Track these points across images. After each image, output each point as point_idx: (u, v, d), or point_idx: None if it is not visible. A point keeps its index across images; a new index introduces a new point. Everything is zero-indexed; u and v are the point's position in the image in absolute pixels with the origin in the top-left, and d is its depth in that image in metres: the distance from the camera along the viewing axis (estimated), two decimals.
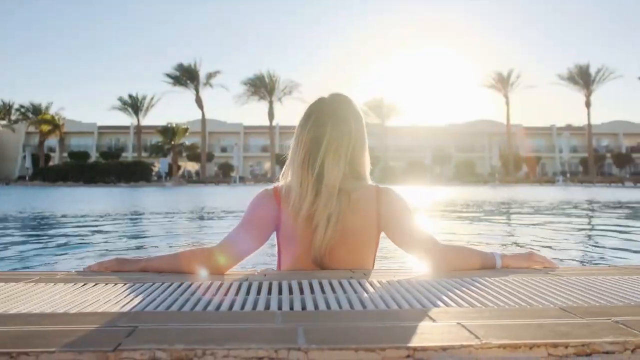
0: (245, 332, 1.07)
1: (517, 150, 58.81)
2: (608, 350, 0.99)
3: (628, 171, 58.07)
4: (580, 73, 53.06)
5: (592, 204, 13.12)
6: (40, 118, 52.94)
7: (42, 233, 6.75)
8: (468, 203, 13.86)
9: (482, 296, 1.41)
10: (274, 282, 1.60)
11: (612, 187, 31.28)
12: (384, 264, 3.61)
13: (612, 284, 1.59)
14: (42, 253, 4.67)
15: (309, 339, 1.01)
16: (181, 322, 1.15)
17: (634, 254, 4.48)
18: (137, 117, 56.15)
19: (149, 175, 42.96)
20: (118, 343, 0.98)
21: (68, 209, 11.57)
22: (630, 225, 7.74)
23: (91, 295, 1.44)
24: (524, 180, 47.38)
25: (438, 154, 56.26)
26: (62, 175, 41.21)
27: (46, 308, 1.30)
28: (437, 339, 1.01)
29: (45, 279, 1.70)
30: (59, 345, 0.97)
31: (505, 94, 55.29)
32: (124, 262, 1.90)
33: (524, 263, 1.93)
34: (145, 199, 17.79)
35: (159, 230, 7.09)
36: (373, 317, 1.20)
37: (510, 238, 6.05)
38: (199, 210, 11.48)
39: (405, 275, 1.75)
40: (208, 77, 54.20)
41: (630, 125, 63.68)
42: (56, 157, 57.81)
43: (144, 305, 1.32)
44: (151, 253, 4.55)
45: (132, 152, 60.68)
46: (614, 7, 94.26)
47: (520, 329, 1.09)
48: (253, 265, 3.17)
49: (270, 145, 55.01)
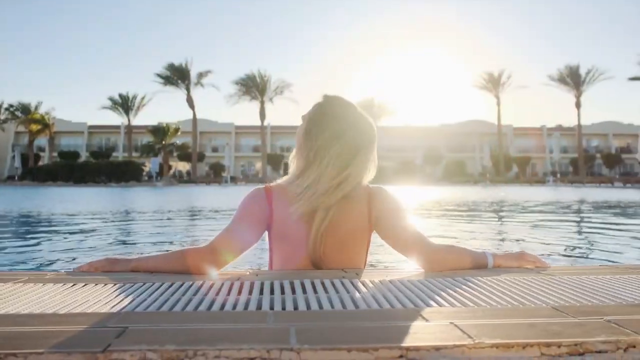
0: (237, 332, 1.06)
1: (508, 151, 59.11)
2: (601, 349, 0.99)
3: (617, 171, 58.47)
4: (570, 74, 53.39)
5: (583, 204, 13.19)
6: (29, 117, 52.59)
7: (30, 233, 6.70)
8: (461, 203, 13.90)
9: (475, 296, 1.41)
10: (265, 282, 1.59)
11: (601, 188, 31.49)
12: (375, 258, 3.61)
13: (603, 283, 1.59)
14: (30, 253, 4.63)
15: (301, 339, 1.01)
16: (172, 323, 1.14)
17: (624, 253, 4.50)
18: (128, 116, 55.93)
19: (139, 175, 42.76)
20: (108, 344, 0.97)
21: (57, 209, 11.49)
22: (620, 224, 7.78)
23: (81, 296, 1.43)
24: (514, 181, 47.58)
25: (429, 154, 56.42)
26: (51, 175, 40.94)
27: (35, 308, 1.28)
28: (430, 339, 1.01)
29: (34, 279, 1.68)
30: (48, 346, 0.96)
31: (497, 94, 55.52)
32: (114, 262, 1.89)
33: (515, 262, 1.94)
34: (136, 199, 17.71)
35: (150, 229, 7.06)
36: (365, 316, 1.20)
37: (502, 237, 6.07)
38: (190, 209, 11.44)
39: (397, 274, 1.75)
40: (199, 76, 54.05)
41: (620, 126, 64.16)
42: (46, 156, 57.49)
43: (135, 305, 1.31)
44: (142, 253, 4.53)
45: (122, 152, 60.42)
46: (605, 8, 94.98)
47: (513, 328, 1.08)
48: (245, 265, 3.16)
49: (261, 145, 54.94)
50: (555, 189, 29.93)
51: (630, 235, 6.15)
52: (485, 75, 56.15)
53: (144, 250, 4.90)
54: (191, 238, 6.12)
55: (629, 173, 56.06)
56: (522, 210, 11.03)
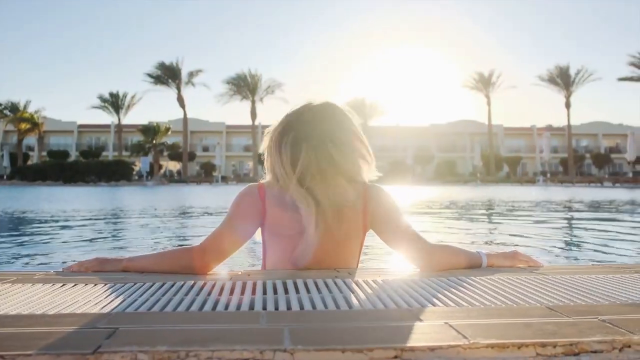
0: (230, 333, 1.05)
1: (498, 151, 59.38)
2: (596, 349, 0.98)
3: (607, 171, 58.89)
4: (560, 74, 53.72)
5: (572, 203, 13.27)
6: (18, 116, 52.16)
7: (19, 232, 6.64)
8: (453, 202, 13.94)
9: (469, 295, 1.40)
10: (258, 282, 1.57)
11: (591, 187, 31.68)
12: (369, 256, 3.60)
13: (596, 283, 1.59)
14: (19, 253, 4.59)
15: (294, 339, 0.99)
16: (163, 323, 1.12)
17: (615, 253, 4.52)
18: (118, 115, 55.66)
19: (129, 174, 42.56)
20: (98, 345, 0.95)
21: (47, 208, 11.41)
22: (610, 223, 7.83)
23: (70, 296, 1.41)
24: (505, 180, 47.79)
25: (420, 153, 56.57)
26: (41, 174, 40.65)
27: (23, 309, 1.26)
28: (425, 339, 1.00)
29: (22, 280, 1.66)
30: (37, 347, 0.94)
31: (487, 94, 55.77)
32: (105, 262, 1.87)
33: (508, 262, 1.94)
34: (126, 198, 17.62)
35: (140, 228, 7.02)
36: (359, 317, 1.19)
37: (494, 236, 6.08)
38: (180, 208, 11.39)
39: (390, 274, 1.74)
40: (190, 75, 53.91)
41: (609, 126, 64.63)
42: (35, 156, 57.10)
43: (125, 306, 1.29)
44: (132, 252, 4.50)
45: (112, 151, 60.16)
46: (595, 9, 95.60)
47: (508, 328, 1.08)
48: (237, 265, 3.15)
49: (252, 144, 54.86)
50: (546, 188, 30.08)
51: (620, 232, 6.19)
52: (475, 75, 56.46)
53: (134, 249, 4.87)
54: (182, 237, 6.09)
55: (617, 173, 56.42)
56: (513, 209, 11.08)
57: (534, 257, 2.01)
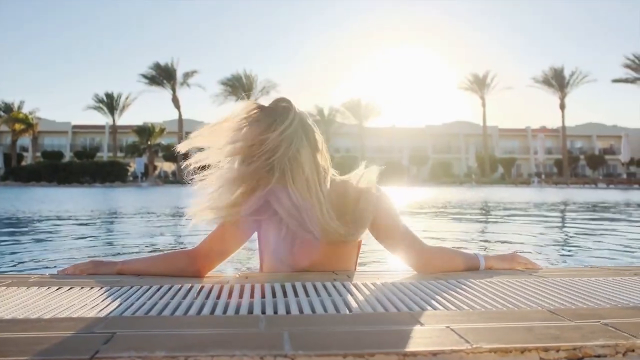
0: (229, 337, 1.03)
1: (493, 152, 59.52)
2: (600, 353, 0.97)
3: (601, 172, 59.10)
4: (554, 76, 53.90)
5: (567, 205, 13.30)
6: (12, 116, 51.92)
7: (13, 234, 6.60)
8: (449, 203, 13.95)
9: (469, 298, 1.39)
10: (256, 285, 1.56)
11: (585, 188, 31.76)
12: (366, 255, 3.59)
13: (597, 285, 1.58)
14: (13, 255, 4.55)
15: (295, 344, 0.98)
16: (161, 328, 1.11)
17: (611, 255, 4.53)
18: (113, 116, 55.48)
19: (124, 175, 42.41)
20: (95, 350, 0.94)
21: (41, 209, 11.35)
22: (607, 225, 7.84)
23: (66, 300, 1.39)
24: (500, 182, 47.89)
25: (415, 154, 56.62)
26: (35, 175, 40.45)
27: (18, 313, 1.24)
28: (427, 344, 0.99)
29: (17, 283, 1.64)
30: (33, 353, 0.93)
31: (482, 95, 55.89)
32: (100, 265, 1.85)
33: (507, 264, 1.93)
34: (121, 199, 17.56)
35: (135, 230, 6.98)
36: (360, 321, 1.18)
37: (492, 238, 6.08)
38: (175, 209, 11.35)
39: (388, 277, 1.73)
40: (185, 76, 53.79)
41: (603, 127, 64.85)
42: (29, 156, 56.82)
43: (122, 309, 1.27)
44: (128, 255, 4.47)
45: (107, 152, 59.90)
46: (590, 11, 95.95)
47: (510, 332, 1.07)
48: (234, 268, 3.13)
49: None
50: (540, 189, 30.15)
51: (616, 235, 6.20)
52: (470, 77, 56.57)
53: (129, 251, 4.84)
54: (178, 239, 6.07)
55: (612, 174, 56.65)
56: (508, 209, 11.09)
57: (532, 259, 2.00)
